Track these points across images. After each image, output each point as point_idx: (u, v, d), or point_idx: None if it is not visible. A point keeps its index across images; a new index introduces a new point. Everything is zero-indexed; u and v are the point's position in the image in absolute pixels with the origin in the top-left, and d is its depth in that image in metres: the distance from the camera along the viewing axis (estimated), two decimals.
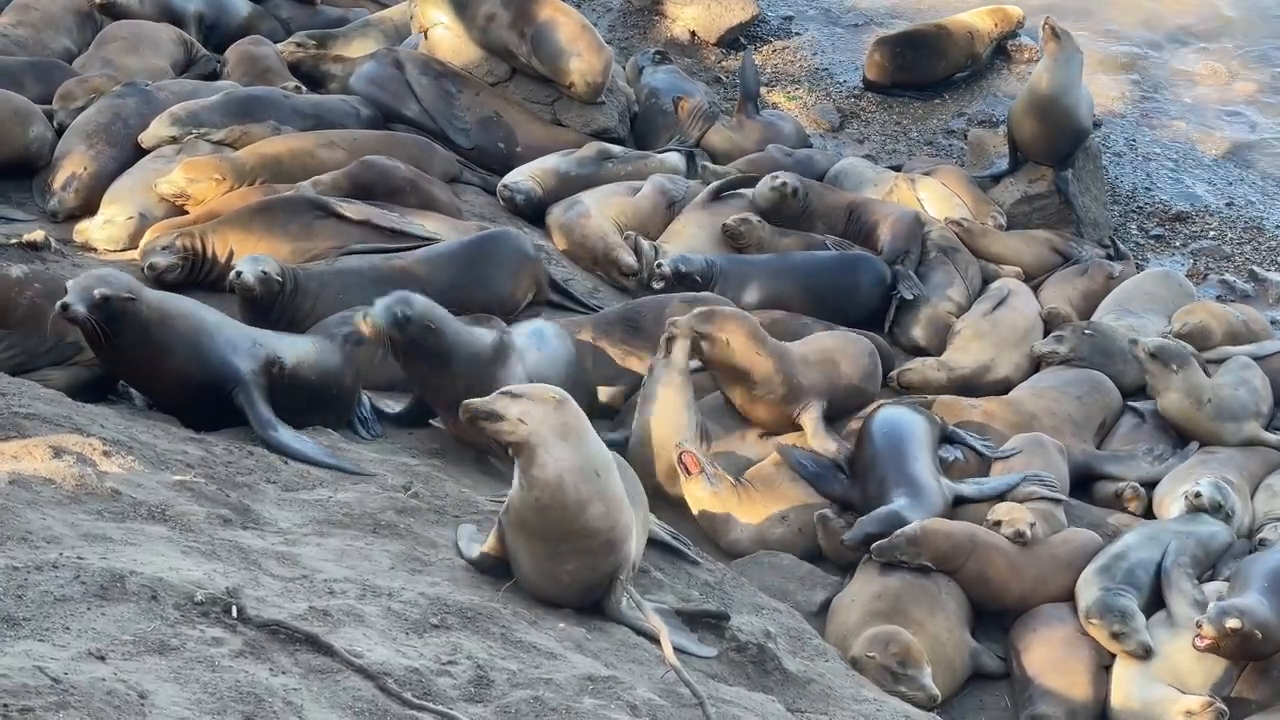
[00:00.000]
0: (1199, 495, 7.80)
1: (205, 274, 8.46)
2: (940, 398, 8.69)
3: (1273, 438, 8.80)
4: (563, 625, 5.14)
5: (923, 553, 7.07)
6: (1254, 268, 11.49)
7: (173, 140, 9.41)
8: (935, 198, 11.03)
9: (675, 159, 10.94)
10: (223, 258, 8.49)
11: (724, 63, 13.57)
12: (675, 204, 10.29)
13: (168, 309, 6.43)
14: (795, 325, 8.97)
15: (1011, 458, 8.08)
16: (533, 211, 10.17)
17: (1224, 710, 6.60)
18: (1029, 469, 7.94)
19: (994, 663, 7.10)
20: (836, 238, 10.19)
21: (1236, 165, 12.81)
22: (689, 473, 7.52)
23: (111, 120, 9.43)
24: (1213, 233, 11.98)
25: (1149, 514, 8.18)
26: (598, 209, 9.99)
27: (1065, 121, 11.20)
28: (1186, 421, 8.73)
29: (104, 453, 5.45)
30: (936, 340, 9.68)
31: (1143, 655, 6.79)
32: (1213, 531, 7.65)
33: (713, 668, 5.41)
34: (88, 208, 9.09)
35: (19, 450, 5.26)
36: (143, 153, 9.39)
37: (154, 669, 3.89)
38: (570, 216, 9.96)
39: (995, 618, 7.32)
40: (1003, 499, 7.70)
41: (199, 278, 8.43)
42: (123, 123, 9.45)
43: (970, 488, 7.78)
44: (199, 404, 6.51)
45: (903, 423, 7.90)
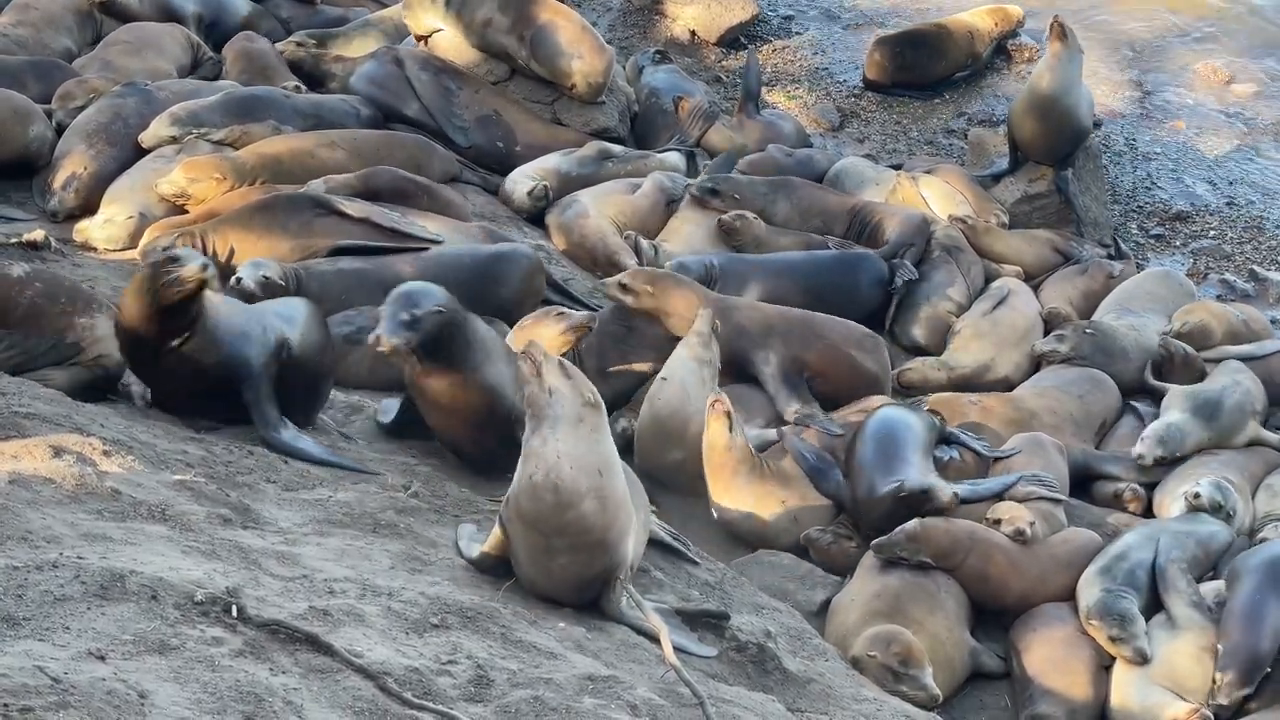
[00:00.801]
0: (1198, 496, 7.79)
1: None
2: (939, 395, 8.70)
3: (1273, 437, 8.80)
4: (563, 625, 5.14)
5: (922, 549, 7.06)
6: (1254, 267, 11.49)
7: (173, 140, 9.41)
8: (939, 195, 11.02)
9: (675, 158, 10.94)
10: (223, 257, 8.48)
11: (724, 62, 13.57)
12: (674, 202, 10.28)
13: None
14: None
15: (1011, 458, 8.08)
16: (538, 212, 10.17)
17: (1209, 717, 6.60)
18: (1028, 469, 7.94)
19: (994, 662, 7.09)
20: (837, 237, 10.19)
21: (1237, 165, 12.80)
22: (714, 411, 7.49)
23: (112, 120, 9.43)
24: (1213, 232, 11.98)
25: (1149, 514, 8.18)
26: (596, 209, 9.98)
27: (1066, 121, 11.20)
28: None
29: (104, 452, 5.45)
30: (936, 340, 9.68)
31: (1139, 662, 6.79)
32: (1212, 532, 7.64)
33: (713, 667, 5.41)
34: (88, 207, 9.09)
35: (19, 450, 5.26)
36: (143, 152, 9.39)
37: (154, 669, 3.89)
38: (568, 216, 9.96)
39: (995, 617, 7.32)
40: (1000, 499, 7.70)
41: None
42: (123, 122, 9.45)
43: (966, 488, 7.78)
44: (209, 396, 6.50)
45: (897, 424, 7.88)
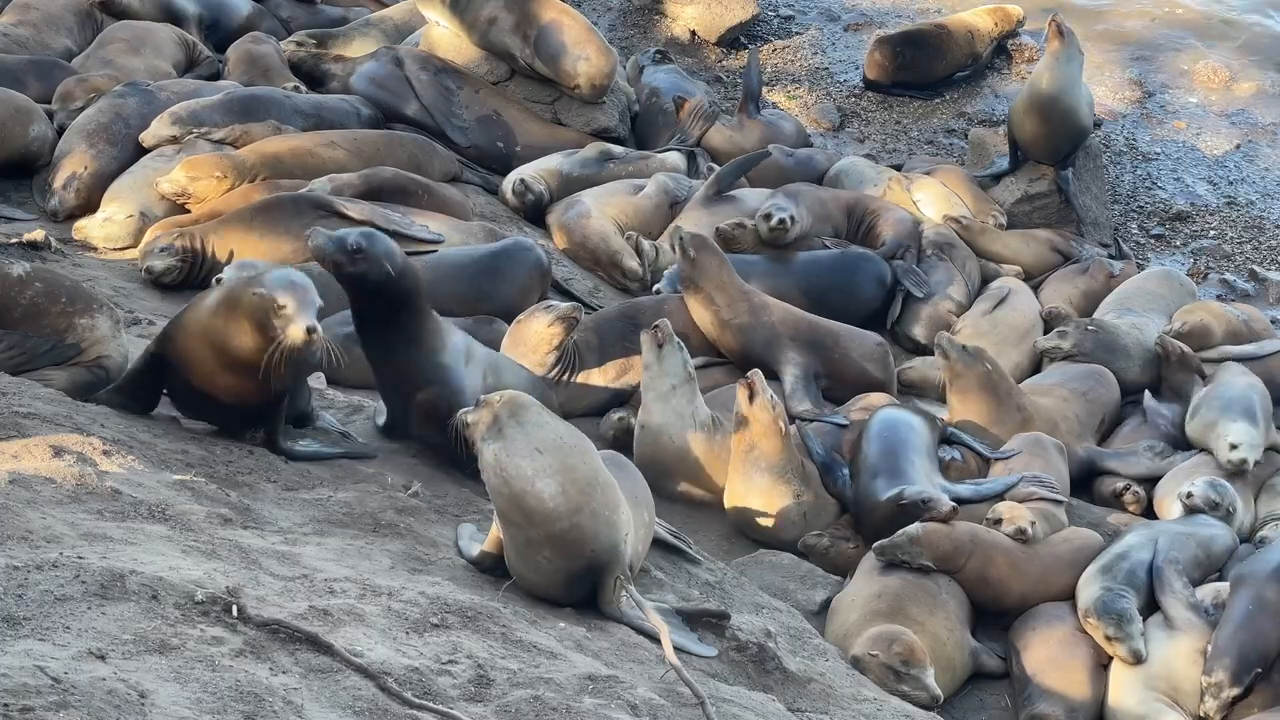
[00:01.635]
0: (1191, 495, 7.80)
1: (205, 274, 8.45)
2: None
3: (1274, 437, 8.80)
4: (563, 625, 5.14)
5: (924, 552, 7.06)
6: (1255, 267, 11.50)
7: (173, 139, 9.42)
8: (935, 197, 11.02)
9: (676, 158, 10.94)
10: (223, 258, 8.48)
11: (724, 62, 13.58)
12: (677, 204, 10.28)
13: None
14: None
15: (1011, 458, 8.08)
16: (535, 211, 10.17)
17: None
18: (1029, 469, 7.94)
19: (994, 662, 7.09)
20: (836, 238, 10.19)
21: (1237, 164, 12.81)
22: (752, 396, 7.47)
23: (112, 120, 9.44)
24: (1213, 232, 11.98)
25: (1150, 514, 8.18)
26: (598, 209, 9.99)
27: (1066, 121, 11.20)
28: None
29: (104, 452, 5.45)
30: None
31: (1134, 662, 6.79)
32: (1213, 534, 7.63)
33: (713, 667, 5.41)
34: (88, 207, 9.10)
35: (19, 450, 5.26)
36: (143, 152, 9.39)
37: (154, 668, 3.89)
38: (571, 217, 9.96)
39: (995, 617, 7.32)
40: (1001, 499, 7.70)
41: (198, 278, 8.42)
42: (123, 122, 9.45)
43: (968, 489, 7.78)
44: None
45: (900, 424, 7.90)
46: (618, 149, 10.74)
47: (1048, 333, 9.66)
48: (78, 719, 3.51)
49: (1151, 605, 7.10)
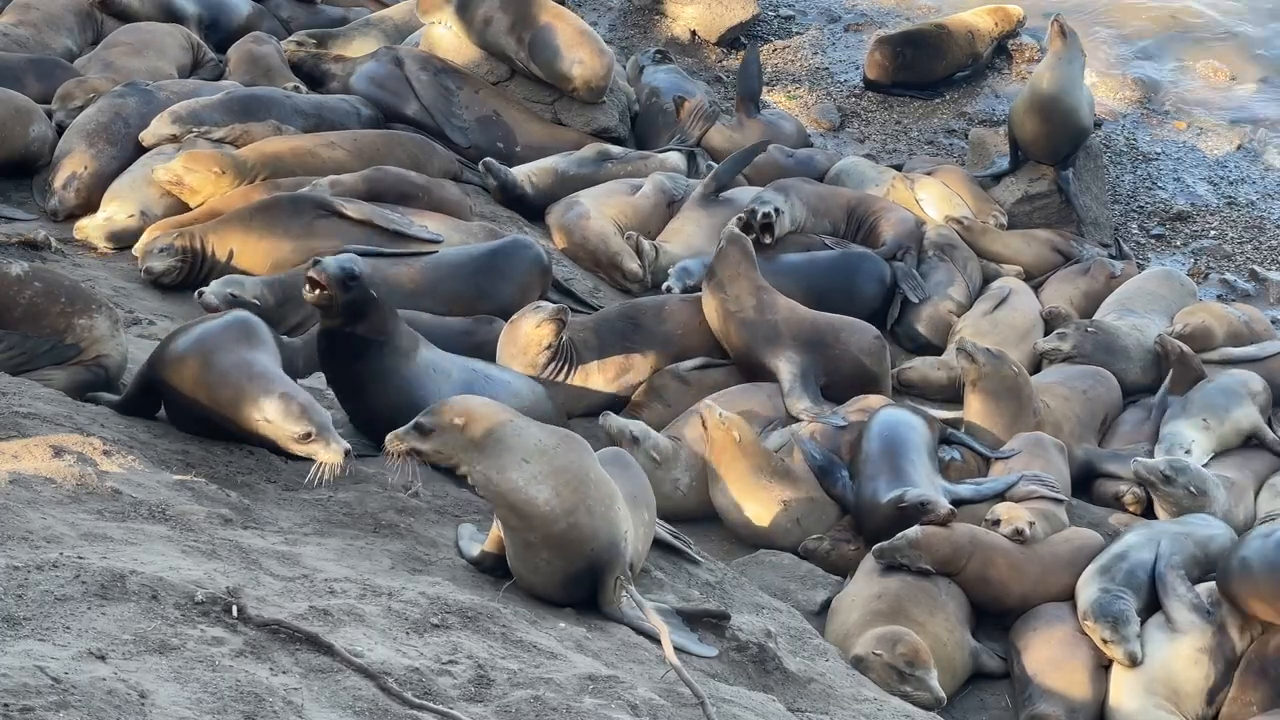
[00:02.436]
0: (1137, 472, 7.98)
1: (204, 275, 8.45)
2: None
3: (1274, 436, 8.80)
4: (563, 625, 5.14)
5: (924, 555, 7.06)
6: (1255, 267, 11.49)
7: (173, 139, 9.41)
8: (936, 197, 11.02)
9: (676, 158, 10.93)
10: (222, 258, 8.49)
11: (724, 62, 13.58)
12: (675, 203, 10.27)
13: None
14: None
15: (1011, 458, 8.08)
16: (526, 209, 10.15)
17: None
18: (1029, 469, 7.93)
19: (994, 662, 7.09)
20: (836, 237, 10.18)
21: (1237, 165, 12.80)
22: (705, 423, 7.56)
23: (112, 119, 9.44)
24: (1214, 232, 11.98)
25: (1150, 514, 8.18)
26: (597, 210, 9.98)
27: (1066, 121, 11.20)
28: None
29: (104, 452, 5.45)
30: (938, 339, 9.68)
31: (1130, 665, 6.79)
32: (1212, 534, 7.63)
33: (713, 667, 5.41)
34: (88, 207, 9.10)
35: (19, 450, 5.26)
36: (143, 152, 9.39)
37: (154, 668, 3.89)
38: (570, 218, 9.95)
39: (996, 617, 7.31)
40: (1001, 499, 7.70)
41: (198, 278, 8.42)
42: (123, 122, 9.45)
43: (968, 489, 7.78)
44: None
45: (900, 425, 7.89)
46: (616, 149, 10.74)
47: (1048, 333, 9.66)
48: (78, 719, 3.51)
49: (1151, 606, 7.09)
